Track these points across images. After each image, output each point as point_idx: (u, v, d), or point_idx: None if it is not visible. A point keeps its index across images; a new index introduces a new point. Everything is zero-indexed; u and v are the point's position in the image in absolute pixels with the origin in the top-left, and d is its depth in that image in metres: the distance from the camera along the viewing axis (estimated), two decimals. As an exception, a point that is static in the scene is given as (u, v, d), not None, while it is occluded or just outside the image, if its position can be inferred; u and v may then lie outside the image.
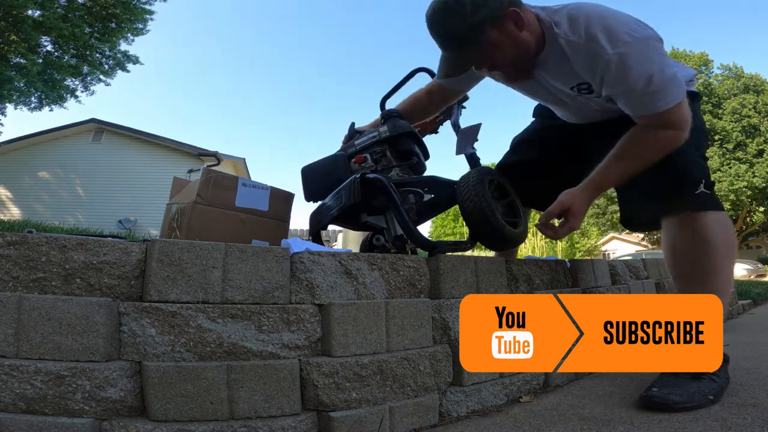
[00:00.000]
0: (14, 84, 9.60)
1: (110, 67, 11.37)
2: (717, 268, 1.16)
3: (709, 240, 1.15)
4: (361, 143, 1.41)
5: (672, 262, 1.24)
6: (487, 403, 1.09)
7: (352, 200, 1.21)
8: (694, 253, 1.17)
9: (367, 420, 0.89)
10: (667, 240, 1.24)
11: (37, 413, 0.73)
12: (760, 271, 10.26)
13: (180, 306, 0.82)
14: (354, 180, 1.22)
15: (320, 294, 0.94)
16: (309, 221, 1.44)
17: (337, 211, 1.26)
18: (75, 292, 0.80)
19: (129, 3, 10.65)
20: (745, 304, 3.42)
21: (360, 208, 1.33)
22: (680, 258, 1.21)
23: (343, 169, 1.36)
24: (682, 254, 1.21)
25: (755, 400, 1.02)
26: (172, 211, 1.55)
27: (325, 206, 1.35)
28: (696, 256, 1.17)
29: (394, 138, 1.37)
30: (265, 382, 0.83)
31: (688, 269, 1.20)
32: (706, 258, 1.16)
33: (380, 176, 1.20)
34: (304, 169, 1.45)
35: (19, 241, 0.80)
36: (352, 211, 1.30)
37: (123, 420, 0.77)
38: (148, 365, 0.79)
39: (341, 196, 1.26)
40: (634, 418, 0.95)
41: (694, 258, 1.18)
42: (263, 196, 1.56)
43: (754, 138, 17.90)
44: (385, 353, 0.96)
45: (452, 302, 1.10)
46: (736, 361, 1.41)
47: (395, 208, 1.18)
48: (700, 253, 1.16)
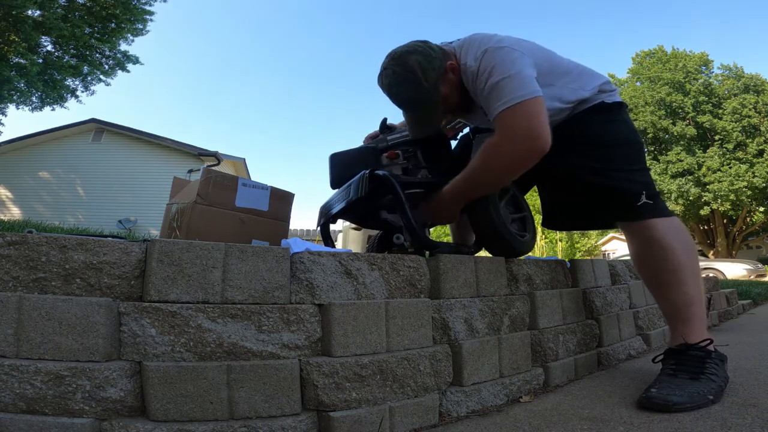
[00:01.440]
0: (14, 84, 9.60)
1: (110, 67, 11.38)
2: (679, 267, 1.19)
3: (664, 245, 1.20)
4: (393, 140, 1.43)
5: (638, 268, 1.30)
6: (487, 403, 1.08)
7: (359, 194, 1.22)
8: (654, 258, 1.22)
9: (367, 420, 0.89)
10: (630, 248, 1.30)
11: (37, 413, 0.73)
12: (760, 271, 10.23)
13: (180, 306, 0.82)
14: (363, 175, 1.23)
15: (320, 294, 0.94)
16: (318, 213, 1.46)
17: (346, 203, 1.28)
18: (75, 292, 0.80)
19: (129, 3, 10.66)
20: (745, 304, 3.42)
21: (380, 205, 1.37)
22: (644, 263, 1.27)
23: (373, 161, 1.37)
24: (644, 259, 1.26)
25: (755, 400, 1.02)
26: (172, 211, 1.55)
27: (334, 199, 1.37)
28: (657, 262, 1.22)
29: (426, 140, 1.39)
30: (265, 382, 0.83)
31: (653, 273, 1.25)
32: (666, 262, 1.20)
33: (388, 174, 1.21)
34: (334, 156, 1.45)
35: (19, 241, 0.80)
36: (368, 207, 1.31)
37: (123, 420, 0.77)
38: (148, 365, 0.79)
39: (350, 189, 1.27)
40: (634, 418, 0.95)
41: (656, 263, 1.22)
42: (263, 196, 1.56)
43: (754, 138, 17.88)
44: (385, 353, 0.96)
45: (452, 302, 1.10)
46: (736, 361, 1.41)
47: (400, 207, 1.19)
48: (660, 258, 1.21)
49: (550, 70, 1.25)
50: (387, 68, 1.25)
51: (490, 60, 1.15)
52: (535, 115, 1.09)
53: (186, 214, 1.41)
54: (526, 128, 1.09)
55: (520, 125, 1.10)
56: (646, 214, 1.22)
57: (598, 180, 1.24)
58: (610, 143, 1.27)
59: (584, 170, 1.27)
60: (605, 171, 1.24)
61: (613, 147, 1.27)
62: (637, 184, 1.23)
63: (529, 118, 1.09)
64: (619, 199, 1.23)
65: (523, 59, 1.15)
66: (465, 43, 1.26)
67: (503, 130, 1.13)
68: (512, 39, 1.24)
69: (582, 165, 1.27)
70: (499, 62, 1.14)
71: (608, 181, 1.23)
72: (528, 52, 1.20)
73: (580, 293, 1.50)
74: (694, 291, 1.19)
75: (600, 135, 1.27)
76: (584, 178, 1.27)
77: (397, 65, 1.23)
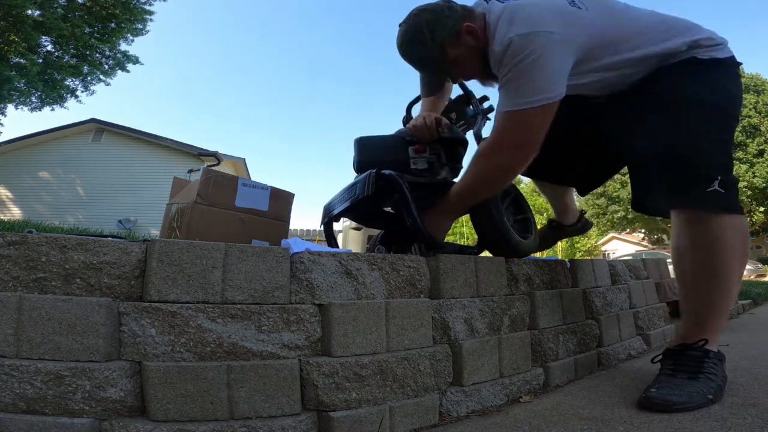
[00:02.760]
0: (14, 84, 9.60)
1: (110, 67, 11.38)
2: (730, 277, 1.04)
3: (720, 248, 1.02)
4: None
5: (678, 263, 1.13)
6: (487, 403, 1.08)
7: (366, 193, 1.23)
8: (701, 254, 1.05)
9: (367, 420, 0.89)
10: (673, 240, 1.12)
11: (37, 413, 0.73)
12: (760, 271, 10.25)
13: (180, 306, 0.82)
14: (369, 174, 1.24)
15: (320, 294, 0.94)
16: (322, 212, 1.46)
17: (351, 202, 1.29)
18: (75, 292, 0.80)
19: (129, 3, 10.66)
20: (745, 304, 3.42)
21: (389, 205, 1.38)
22: (685, 259, 1.10)
23: (401, 150, 1.38)
24: (686, 255, 1.08)
25: (755, 400, 1.02)
26: (172, 211, 1.55)
27: (337, 198, 1.37)
28: (703, 257, 1.05)
29: (452, 141, 1.41)
30: (265, 382, 0.83)
31: (692, 270, 1.08)
32: (721, 271, 1.03)
33: (395, 174, 1.21)
34: (361, 139, 1.44)
35: (19, 241, 0.80)
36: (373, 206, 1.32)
37: (123, 420, 0.77)
38: (148, 365, 0.79)
39: (356, 188, 1.28)
40: (634, 418, 0.95)
41: (708, 271, 1.05)
42: (263, 196, 1.56)
43: (754, 138, 17.89)
44: (385, 353, 0.96)
45: (452, 302, 1.10)
46: (737, 361, 1.41)
47: (406, 207, 1.19)
48: (717, 266, 1.04)
49: (616, 39, 1.12)
50: (400, 25, 1.25)
51: (513, 53, 1.06)
52: (532, 126, 1.08)
53: (186, 214, 1.41)
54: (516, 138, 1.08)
55: (512, 133, 1.09)
56: (710, 204, 1.00)
57: (664, 143, 1.04)
58: (691, 103, 1.06)
59: (653, 134, 1.08)
60: (675, 134, 1.03)
61: (693, 108, 1.05)
62: (714, 163, 1.01)
63: (524, 128, 1.08)
64: (686, 175, 1.01)
65: (553, 51, 1.05)
66: (503, 11, 1.14)
67: (495, 134, 1.12)
68: (558, 15, 1.08)
69: (653, 127, 1.09)
70: (520, 59, 1.05)
71: (685, 141, 1.02)
72: (574, 31, 1.07)
73: (580, 293, 1.50)
74: (730, 302, 1.10)
75: (679, 92, 1.08)
76: (650, 143, 1.08)
77: (408, 23, 1.23)
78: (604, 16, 1.15)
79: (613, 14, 1.17)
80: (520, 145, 1.12)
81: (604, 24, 1.14)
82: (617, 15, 1.18)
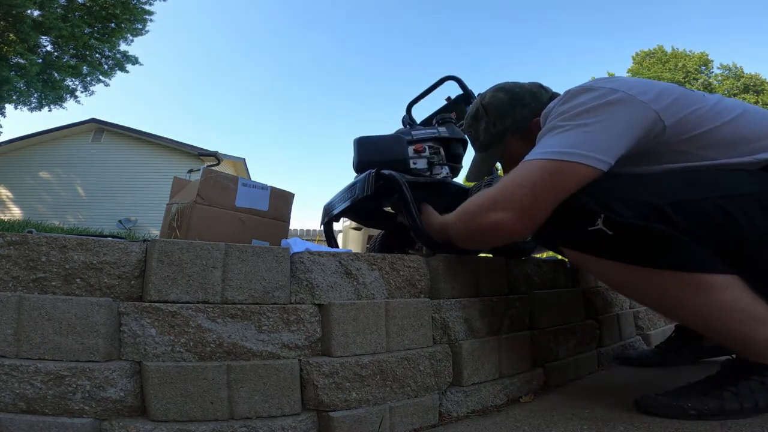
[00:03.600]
0: (14, 84, 9.61)
1: (110, 68, 11.40)
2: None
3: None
4: (419, 135, 1.45)
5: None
6: (487, 403, 1.08)
7: (365, 193, 1.23)
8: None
9: (367, 420, 0.89)
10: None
11: (37, 413, 0.73)
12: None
13: (180, 306, 0.82)
14: (369, 174, 1.24)
15: (320, 294, 0.94)
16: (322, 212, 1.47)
17: (351, 202, 1.29)
18: (75, 292, 0.80)
19: (129, 3, 10.67)
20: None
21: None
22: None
23: (401, 150, 1.38)
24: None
25: (755, 400, 1.01)
26: (172, 211, 1.55)
27: (337, 198, 1.38)
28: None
29: (451, 140, 1.41)
30: (265, 382, 0.84)
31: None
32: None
33: (395, 174, 1.21)
34: (361, 139, 1.44)
35: (19, 241, 0.80)
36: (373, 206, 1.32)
37: (123, 420, 0.77)
38: (148, 365, 0.79)
39: (355, 187, 1.28)
40: (634, 418, 0.95)
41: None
42: (263, 196, 1.56)
43: (754, 138, 17.89)
44: (385, 353, 0.96)
45: (452, 302, 1.10)
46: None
47: (405, 207, 1.19)
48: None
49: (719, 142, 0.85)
50: (478, 95, 1.18)
51: (566, 100, 0.88)
52: (552, 184, 0.79)
53: (186, 214, 1.41)
54: (521, 194, 0.82)
55: (520, 186, 0.83)
56: (591, 246, 0.85)
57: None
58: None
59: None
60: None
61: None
62: (598, 196, 0.83)
63: (540, 180, 0.81)
64: (561, 208, 0.86)
65: (617, 109, 0.80)
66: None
67: (499, 186, 0.90)
68: (656, 87, 0.86)
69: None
70: (574, 104, 0.84)
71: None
72: (667, 103, 0.83)
73: (580, 293, 1.50)
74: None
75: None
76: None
77: (482, 95, 1.15)
78: (710, 116, 0.88)
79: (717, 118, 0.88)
80: (520, 207, 0.88)
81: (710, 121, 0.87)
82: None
